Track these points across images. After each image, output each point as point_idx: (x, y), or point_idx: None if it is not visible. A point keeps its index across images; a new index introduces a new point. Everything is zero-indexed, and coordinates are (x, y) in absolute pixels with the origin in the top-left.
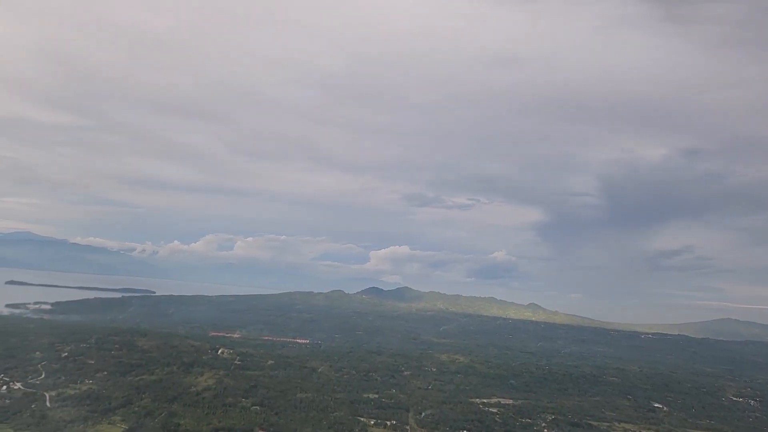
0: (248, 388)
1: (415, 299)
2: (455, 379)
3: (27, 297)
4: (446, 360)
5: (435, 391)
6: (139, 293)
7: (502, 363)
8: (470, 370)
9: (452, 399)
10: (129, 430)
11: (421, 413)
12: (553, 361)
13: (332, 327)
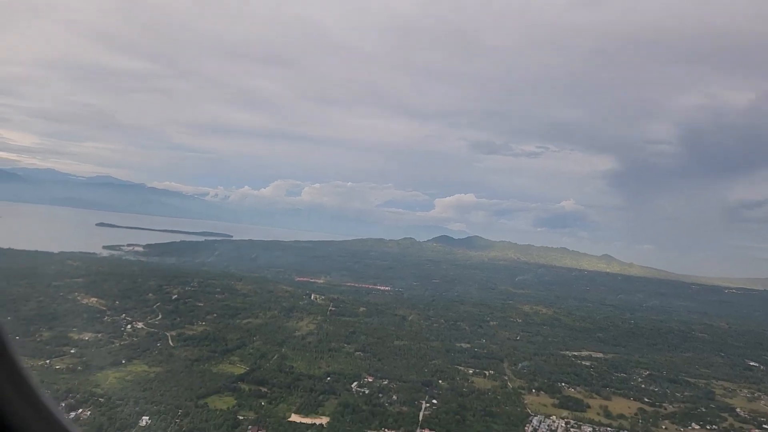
0: (348, 334)
1: (485, 248)
2: (541, 330)
3: (118, 239)
4: (529, 311)
5: (524, 342)
6: (218, 237)
7: (586, 315)
8: (555, 322)
9: (543, 351)
10: (250, 371)
11: (517, 364)
12: (636, 314)
13: (409, 275)
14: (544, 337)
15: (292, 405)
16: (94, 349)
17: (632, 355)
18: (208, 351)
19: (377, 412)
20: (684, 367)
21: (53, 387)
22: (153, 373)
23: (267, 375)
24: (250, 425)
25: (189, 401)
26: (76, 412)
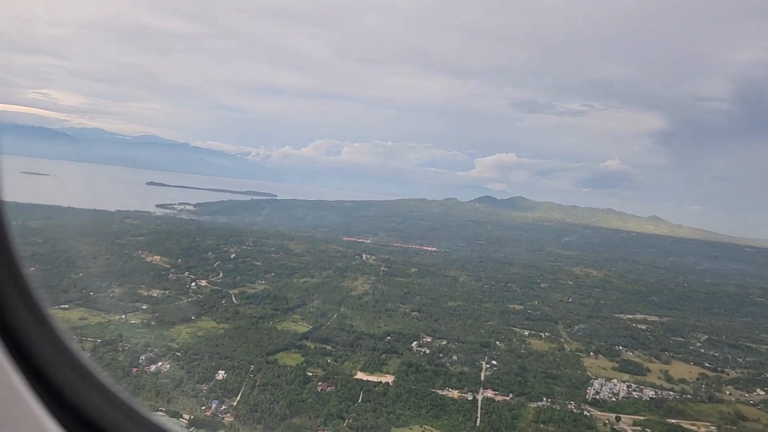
0: (402, 294)
1: (529, 209)
2: (593, 293)
3: (169, 198)
4: (580, 273)
5: (577, 304)
6: (263, 196)
7: (637, 278)
8: (607, 284)
9: (597, 313)
10: (313, 329)
11: (572, 327)
12: (689, 278)
13: (454, 235)
14: (596, 299)
15: (356, 363)
16: (164, 305)
17: (688, 319)
18: (271, 309)
19: (440, 372)
20: (743, 332)
21: (132, 341)
22: (222, 330)
23: (329, 333)
24: (319, 382)
25: (259, 357)
26: (156, 365)
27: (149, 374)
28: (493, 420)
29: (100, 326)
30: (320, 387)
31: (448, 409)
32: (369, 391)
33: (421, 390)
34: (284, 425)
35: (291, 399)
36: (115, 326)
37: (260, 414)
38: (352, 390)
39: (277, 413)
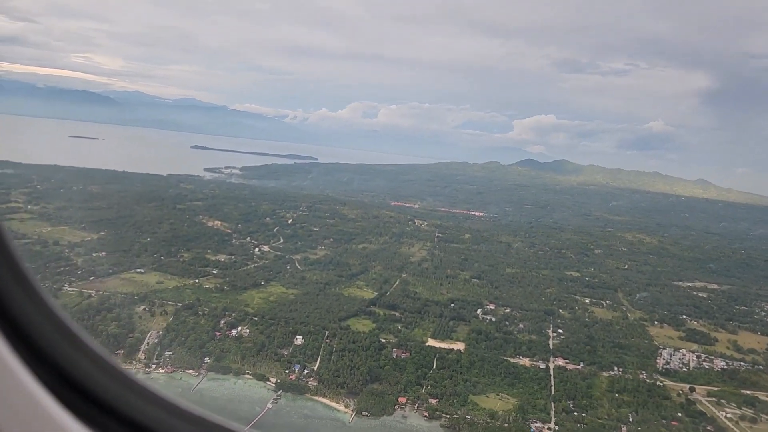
0: (460, 261)
1: (572, 172)
2: (648, 260)
3: (214, 161)
4: (632, 239)
5: (633, 272)
6: (304, 159)
7: (692, 245)
8: (662, 251)
9: (655, 281)
10: (379, 296)
11: (632, 295)
12: (745, 244)
13: (499, 200)
14: (652, 266)
15: (426, 330)
16: (232, 270)
17: (749, 287)
18: (335, 275)
19: (509, 340)
20: None
21: (210, 305)
22: (292, 295)
23: (395, 300)
24: (394, 348)
25: (332, 323)
26: (237, 330)
27: (232, 338)
28: (568, 389)
29: (176, 290)
30: (395, 353)
31: (522, 378)
32: (442, 358)
33: (492, 358)
34: (366, 390)
35: (370, 365)
36: (191, 290)
37: (342, 379)
38: (426, 357)
39: (358, 379)
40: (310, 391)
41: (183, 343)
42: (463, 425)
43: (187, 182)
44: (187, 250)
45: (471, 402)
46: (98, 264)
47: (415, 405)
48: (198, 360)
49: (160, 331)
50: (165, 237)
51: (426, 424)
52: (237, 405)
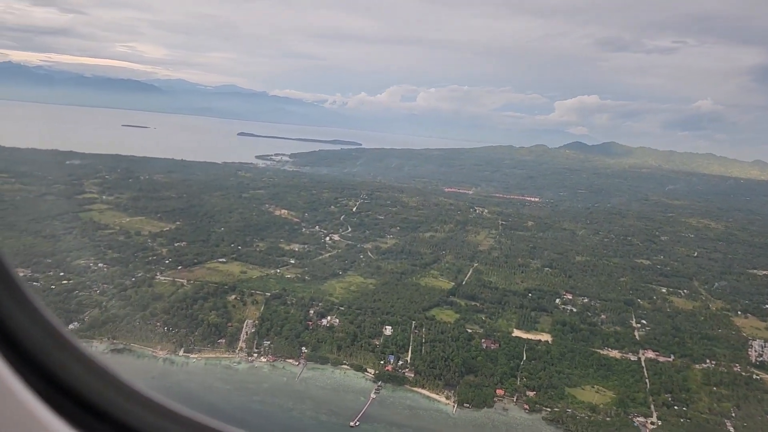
0: (529, 249)
1: (622, 155)
2: (718, 247)
3: (262, 149)
4: (698, 225)
5: (705, 259)
6: (348, 145)
7: (762, 230)
8: (731, 237)
9: (730, 269)
10: (456, 286)
11: (710, 284)
12: None
13: (551, 184)
14: (723, 253)
15: (509, 321)
16: (308, 260)
17: None
18: (409, 264)
19: (595, 332)
20: None
21: (297, 295)
22: (371, 285)
23: (473, 290)
24: (482, 339)
25: (417, 313)
26: (327, 320)
27: (324, 328)
28: (664, 382)
29: (261, 280)
30: (485, 344)
31: (615, 370)
32: (531, 349)
33: (581, 349)
34: (463, 382)
35: (463, 356)
36: (275, 280)
37: (438, 370)
38: (516, 348)
39: (454, 370)
40: (408, 382)
41: (279, 333)
42: (566, 419)
43: (244, 170)
44: (261, 239)
45: (568, 395)
46: (182, 254)
47: (514, 397)
48: (296, 349)
49: (255, 321)
50: (237, 227)
51: (528, 417)
52: (342, 395)
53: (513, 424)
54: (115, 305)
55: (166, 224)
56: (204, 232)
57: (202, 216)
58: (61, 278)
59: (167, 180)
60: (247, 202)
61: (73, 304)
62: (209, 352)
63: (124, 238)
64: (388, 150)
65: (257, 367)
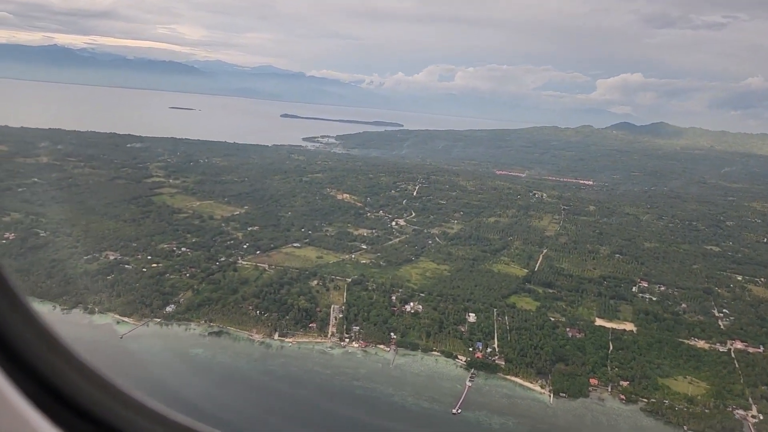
0: (596, 235)
1: (672, 136)
2: None
3: (307, 130)
4: (763, 209)
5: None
6: (390, 126)
7: None
8: None
9: None
10: (530, 273)
11: None
12: None
13: (603, 167)
14: None
15: (589, 309)
16: (379, 245)
17: None
18: (479, 251)
19: (679, 321)
20: None
21: (377, 281)
22: (445, 271)
23: (547, 277)
24: (567, 328)
25: (497, 301)
26: (410, 306)
27: (408, 314)
28: (758, 373)
29: (338, 265)
30: (570, 333)
31: (705, 360)
32: (617, 339)
33: (668, 339)
34: (555, 371)
35: (552, 345)
36: (351, 265)
37: (529, 359)
38: (601, 337)
39: (544, 358)
40: (500, 370)
41: (366, 319)
42: (665, 410)
43: (296, 153)
44: (329, 224)
45: (662, 386)
46: (257, 239)
47: (608, 387)
48: (385, 335)
49: (342, 306)
50: (303, 211)
51: (625, 408)
52: (438, 382)
53: (612, 415)
54: (206, 288)
55: (236, 208)
56: (273, 217)
57: (267, 200)
58: (149, 261)
59: (226, 164)
60: (308, 186)
61: (167, 286)
62: (302, 336)
63: (199, 222)
64: (431, 132)
65: (351, 353)
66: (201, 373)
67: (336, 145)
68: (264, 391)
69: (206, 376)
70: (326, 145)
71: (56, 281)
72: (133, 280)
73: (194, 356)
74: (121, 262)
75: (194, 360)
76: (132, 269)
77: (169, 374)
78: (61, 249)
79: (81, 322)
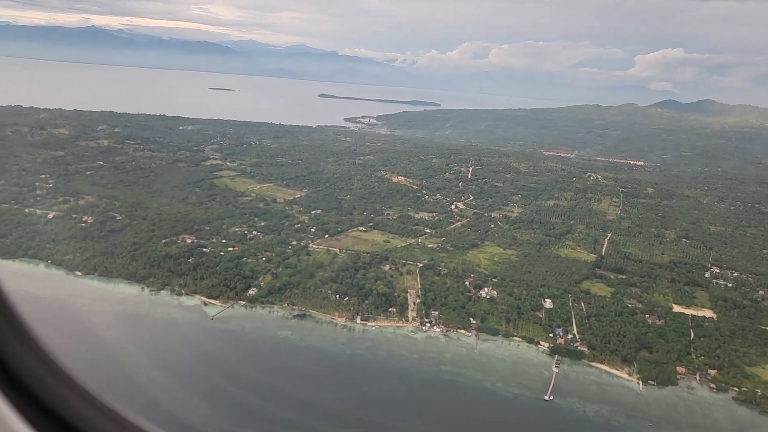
0: (658, 218)
1: (719, 113)
2: None
3: (345, 110)
4: None
5: None
6: (427, 105)
7: None
8: None
9: None
10: (599, 258)
11: None
12: None
13: (651, 146)
14: None
15: (665, 295)
16: (442, 229)
17: None
18: (543, 235)
19: (761, 308)
20: None
21: (448, 265)
22: (512, 256)
23: (617, 262)
24: (646, 314)
25: (571, 286)
26: (484, 291)
27: (484, 300)
28: None
29: (406, 249)
30: (649, 320)
31: None
32: (699, 326)
33: (751, 327)
34: (639, 358)
35: (635, 332)
36: (419, 249)
37: (613, 346)
38: (682, 324)
39: (628, 346)
40: (585, 356)
41: (444, 304)
42: (758, 400)
43: (343, 135)
44: (389, 207)
45: (751, 374)
46: (323, 222)
47: (696, 375)
48: (464, 320)
49: (418, 291)
50: (362, 194)
51: (717, 397)
52: (523, 367)
53: (705, 404)
54: (284, 273)
55: (296, 191)
56: (333, 200)
57: (325, 183)
58: (224, 245)
59: (277, 146)
60: (362, 169)
61: (246, 270)
62: (383, 320)
63: (263, 205)
64: (471, 111)
65: (433, 337)
66: (293, 355)
67: (378, 125)
68: (356, 374)
69: (299, 359)
70: (368, 126)
71: (141, 263)
72: (213, 263)
73: (284, 339)
74: (198, 245)
75: (285, 342)
76: (210, 252)
77: (263, 356)
78: (139, 232)
79: (171, 304)
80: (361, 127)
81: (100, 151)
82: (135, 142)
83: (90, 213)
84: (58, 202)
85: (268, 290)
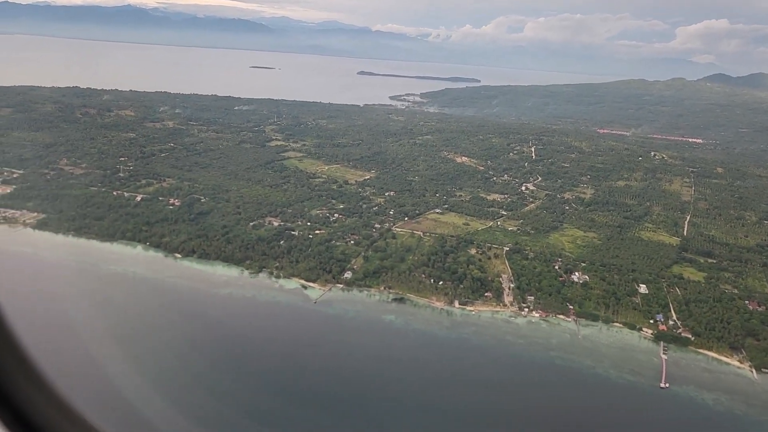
0: (734, 200)
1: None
2: None
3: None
4: None
5: None
6: (467, 82)
7: None
8: None
9: None
10: (682, 241)
11: None
12: None
13: (706, 123)
14: None
15: (759, 280)
16: (517, 212)
17: None
18: (620, 217)
19: None
20: None
21: (533, 248)
22: (594, 239)
23: (702, 245)
24: (745, 300)
25: (662, 270)
26: (576, 275)
27: (578, 285)
28: None
29: (487, 232)
30: (750, 306)
31: None
32: None
33: None
34: (748, 345)
35: (739, 319)
36: (500, 232)
37: (718, 332)
38: None
39: (734, 333)
40: (691, 343)
41: (539, 289)
42: None
43: (392, 113)
44: (459, 188)
45: None
46: (399, 204)
47: None
48: (562, 305)
49: (510, 275)
50: (429, 175)
51: None
52: (630, 353)
53: None
54: (375, 256)
55: (364, 173)
56: (403, 181)
57: (390, 164)
58: (311, 228)
59: (333, 126)
60: (423, 149)
61: (338, 253)
62: (481, 305)
63: (336, 187)
64: (514, 87)
65: (534, 323)
66: (403, 340)
67: (423, 103)
68: (469, 360)
69: (409, 344)
70: (414, 104)
71: (236, 246)
72: (303, 246)
73: (390, 323)
74: (285, 228)
75: (391, 327)
76: (299, 236)
77: (375, 343)
78: (226, 215)
79: (273, 287)
80: (408, 106)
81: (168, 133)
82: (198, 123)
83: (175, 195)
84: (142, 184)
85: (363, 273)
